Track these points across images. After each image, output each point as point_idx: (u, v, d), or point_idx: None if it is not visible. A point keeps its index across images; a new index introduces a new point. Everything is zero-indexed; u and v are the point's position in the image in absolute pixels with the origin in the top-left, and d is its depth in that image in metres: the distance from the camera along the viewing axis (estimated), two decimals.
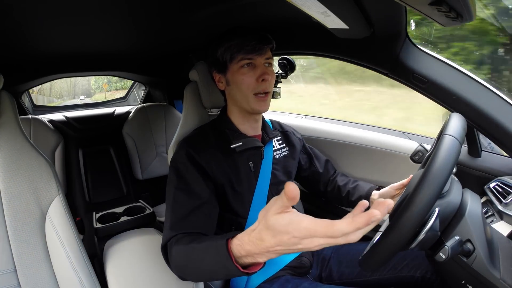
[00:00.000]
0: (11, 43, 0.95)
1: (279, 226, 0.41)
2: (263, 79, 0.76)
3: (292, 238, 0.41)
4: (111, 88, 3.05)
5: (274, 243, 0.43)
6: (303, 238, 0.40)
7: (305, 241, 0.40)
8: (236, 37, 0.76)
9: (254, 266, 0.52)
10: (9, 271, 0.67)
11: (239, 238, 0.50)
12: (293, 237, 0.41)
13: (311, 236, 0.40)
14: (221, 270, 0.53)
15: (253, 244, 0.47)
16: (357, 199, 0.92)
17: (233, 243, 0.51)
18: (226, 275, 0.54)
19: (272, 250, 0.44)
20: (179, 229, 0.67)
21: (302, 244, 0.41)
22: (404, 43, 0.82)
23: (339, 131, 1.30)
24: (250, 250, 0.47)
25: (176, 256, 0.63)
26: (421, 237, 0.51)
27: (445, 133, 0.53)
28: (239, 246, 0.50)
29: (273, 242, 0.43)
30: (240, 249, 0.50)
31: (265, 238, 0.44)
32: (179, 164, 0.75)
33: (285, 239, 0.41)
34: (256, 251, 0.47)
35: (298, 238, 0.40)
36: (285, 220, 0.41)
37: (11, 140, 0.72)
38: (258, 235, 0.45)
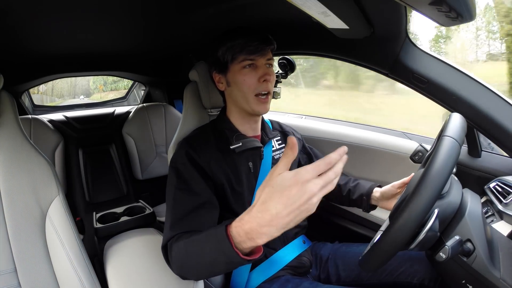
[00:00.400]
0: (12, 43, 0.95)
1: (287, 179, 0.44)
2: (264, 80, 0.76)
3: (300, 188, 0.43)
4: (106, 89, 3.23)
5: (280, 206, 0.44)
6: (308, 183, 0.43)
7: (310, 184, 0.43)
8: (238, 38, 0.76)
9: (254, 254, 0.52)
10: (9, 271, 0.67)
11: (238, 220, 0.50)
12: (301, 185, 0.43)
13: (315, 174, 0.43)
14: (221, 258, 0.53)
15: (254, 219, 0.47)
16: (358, 198, 0.92)
17: (232, 226, 0.51)
18: (226, 263, 0.54)
19: (276, 219, 0.44)
20: (179, 228, 0.67)
21: (307, 192, 0.43)
22: (404, 43, 0.81)
23: (339, 131, 1.30)
24: (251, 228, 0.47)
25: (176, 252, 0.63)
26: (420, 238, 0.51)
27: (445, 135, 0.53)
28: (239, 227, 0.49)
29: (280, 205, 0.44)
30: (239, 231, 0.49)
31: (270, 205, 0.44)
32: (179, 164, 0.75)
33: (294, 191, 0.43)
34: (256, 228, 0.46)
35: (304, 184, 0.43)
36: (292, 173, 0.44)
37: (11, 140, 0.72)
38: (261, 207, 0.46)
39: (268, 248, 0.84)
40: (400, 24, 0.76)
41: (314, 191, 0.43)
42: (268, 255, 0.84)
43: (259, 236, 0.47)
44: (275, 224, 0.45)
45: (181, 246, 0.63)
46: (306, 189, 0.43)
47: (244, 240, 0.49)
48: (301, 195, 0.43)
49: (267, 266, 0.83)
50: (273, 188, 0.44)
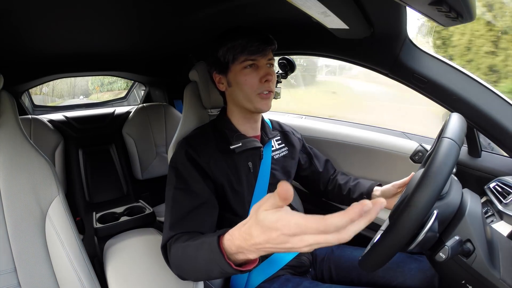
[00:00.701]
0: (12, 43, 0.95)
1: (268, 222, 0.40)
2: (266, 80, 0.76)
3: (281, 236, 0.39)
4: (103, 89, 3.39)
5: (262, 240, 0.41)
6: (293, 236, 0.38)
7: (295, 239, 0.38)
8: (239, 38, 0.75)
9: (248, 264, 0.51)
10: (9, 271, 0.67)
11: (230, 233, 0.49)
12: (281, 234, 0.38)
13: (301, 233, 0.37)
14: (215, 267, 0.52)
15: (242, 239, 0.45)
16: (358, 197, 0.92)
17: (225, 239, 0.50)
18: (220, 272, 0.53)
19: (261, 247, 0.43)
20: (178, 229, 0.67)
21: (290, 243, 0.38)
22: (404, 43, 0.81)
23: (339, 131, 1.30)
24: (240, 245, 0.46)
25: (174, 254, 0.63)
26: (419, 239, 0.51)
27: (444, 136, 0.53)
28: (230, 241, 0.49)
29: (262, 239, 0.41)
30: (230, 245, 0.49)
31: (254, 233, 0.42)
32: (179, 164, 0.75)
33: (274, 236, 0.39)
34: (245, 247, 0.45)
35: (287, 236, 0.38)
36: (275, 217, 0.39)
37: (11, 140, 0.72)
38: (248, 230, 0.44)
39: None
40: (400, 24, 0.76)
41: (299, 245, 0.38)
42: (267, 254, 0.84)
43: (248, 253, 0.46)
44: (262, 249, 0.43)
45: (178, 249, 0.63)
46: (288, 240, 0.38)
47: (235, 253, 0.49)
48: (283, 242, 0.39)
49: (267, 265, 0.83)
50: (257, 221, 0.42)
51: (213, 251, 0.51)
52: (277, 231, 0.39)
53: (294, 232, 0.38)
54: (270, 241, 0.40)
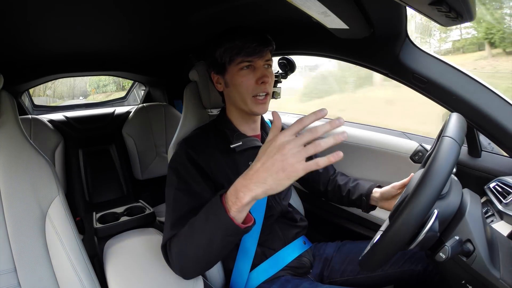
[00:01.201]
0: (12, 43, 0.95)
1: (266, 145, 0.52)
2: (262, 82, 0.76)
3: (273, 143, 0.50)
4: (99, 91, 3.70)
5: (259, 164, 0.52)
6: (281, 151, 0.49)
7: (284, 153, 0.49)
8: (236, 39, 0.75)
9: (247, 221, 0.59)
10: (9, 271, 0.67)
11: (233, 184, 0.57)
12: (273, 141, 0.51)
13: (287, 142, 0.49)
14: (218, 230, 0.57)
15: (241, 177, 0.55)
16: (358, 198, 0.92)
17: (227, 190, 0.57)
18: (223, 235, 0.57)
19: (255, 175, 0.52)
20: (179, 228, 0.67)
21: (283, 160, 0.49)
22: (404, 43, 0.81)
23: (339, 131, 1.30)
24: (238, 183, 0.55)
25: (175, 244, 0.64)
26: (420, 238, 0.51)
27: (445, 135, 0.53)
28: (232, 187, 0.56)
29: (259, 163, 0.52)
30: (231, 190, 0.56)
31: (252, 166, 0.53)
32: (179, 165, 0.75)
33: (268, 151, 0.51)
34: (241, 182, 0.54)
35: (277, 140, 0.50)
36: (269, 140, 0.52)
37: (11, 140, 0.72)
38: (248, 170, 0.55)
39: (268, 249, 0.84)
40: (400, 24, 0.76)
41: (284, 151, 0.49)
42: (268, 255, 0.84)
43: (243, 191, 0.53)
44: (254, 178, 0.52)
45: (179, 236, 0.64)
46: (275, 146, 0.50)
47: (233, 201, 0.55)
48: (273, 153, 0.50)
49: (267, 266, 0.83)
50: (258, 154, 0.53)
51: (215, 209, 0.56)
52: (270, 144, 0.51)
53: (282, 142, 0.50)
54: (264, 161, 0.51)
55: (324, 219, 1.34)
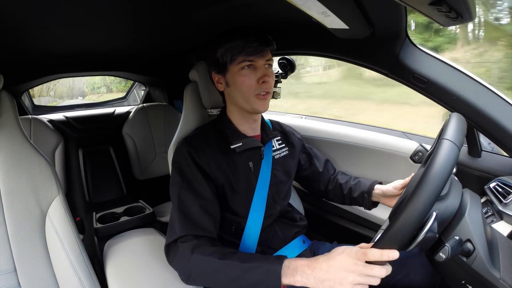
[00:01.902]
0: (12, 43, 0.95)
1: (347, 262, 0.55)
2: (263, 81, 0.76)
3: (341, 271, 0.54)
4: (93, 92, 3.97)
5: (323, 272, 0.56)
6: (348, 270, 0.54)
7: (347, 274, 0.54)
8: (237, 38, 0.75)
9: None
10: (9, 271, 0.67)
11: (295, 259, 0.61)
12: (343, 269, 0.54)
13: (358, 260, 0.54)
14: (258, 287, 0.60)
15: (307, 261, 0.58)
16: (359, 196, 0.92)
17: (287, 259, 0.60)
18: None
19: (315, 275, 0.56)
20: (187, 230, 0.68)
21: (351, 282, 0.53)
22: (404, 43, 0.81)
23: (339, 131, 1.30)
24: (300, 264, 0.58)
25: (198, 265, 0.64)
26: (419, 240, 0.51)
27: (444, 137, 0.53)
28: (293, 260, 0.60)
29: (323, 272, 0.56)
30: (291, 262, 0.59)
31: (320, 263, 0.57)
32: (183, 165, 0.76)
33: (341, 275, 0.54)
34: (303, 266, 0.58)
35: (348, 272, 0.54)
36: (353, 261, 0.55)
37: (11, 140, 0.72)
38: (317, 258, 0.59)
39: (268, 248, 0.84)
40: (400, 24, 0.76)
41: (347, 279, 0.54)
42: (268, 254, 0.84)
43: (300, 274, 0.57)
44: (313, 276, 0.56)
45: (210, 263, 0.64)
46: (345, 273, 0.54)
47: (286, 273, 0.58)
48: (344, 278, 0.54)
49: None
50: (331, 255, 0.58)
51: (271, 277, 0.59)
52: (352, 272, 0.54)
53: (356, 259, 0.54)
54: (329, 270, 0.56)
55: (323, 219, 1.34)
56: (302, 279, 0.57)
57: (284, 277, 0.58)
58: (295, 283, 0.57)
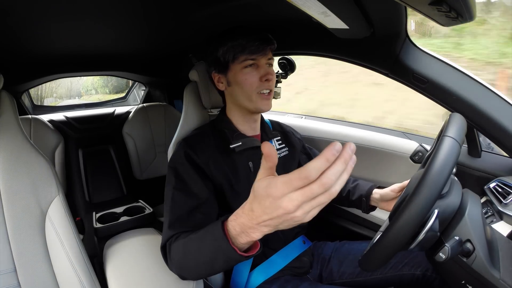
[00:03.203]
0: (12, 43, 0.95)
1: (261, 189, 0.41)
2: (266, 79, 0.76)
3: (272, 201, 0.39)
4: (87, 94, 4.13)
5: (260, 211, 0.42)
6: (282, 198, 0.38)
7: (284, 201, 0.38)
8: (239, 37, 0.75)
9: (251, 250, 0.53)
10: (9, 271, 0.67)
11: (234, 214, 0.50)
12: (272, 199, 0.39)
13: (288, 190, 0.38)
14: (219, 255, 0.53)
15: (245, 215, 0.46)
16: (357, 199, 0.92)
17: (229, 220, 0.51)
18: (225, 261, 0.54)
19: (261, 221, 0.43)
20: (178, 228, 0.67)
21: (282, 208, 0.38)
22: (404, 43, 0.81)
23: (339, 131, 1.30)
24: (244, 222, 0.47)
25: (174, 252, 0.63)
26: (420, 238, 0.51)
27: (445, 135, 0.53)
28: (234, 221, 0.49)
29: (260, 210, 0.42)
30: (235, 225, 0.49)
31: (253, 207, 0.43)
32: (178, 165, 0.75)
33: (267, 203, 0.40)
34: (248, 224, 0.46)
35: (277, 199, 0.38)
36: (264, 183, 0.40)
37: (11, 140, 0.72)
38: (249, 206, 0.45)
39: (268, 249, 0.84)
40: (400, 24, 0.76)
41: (290, 207, 0.38)
42: (268, 255, 0.84)
43: (252, 231, 0.47)
44: (262, 223, 0.44)
45: (179, 246, 0.63)
46: (279, 204, 0.38)
47: (239, 234, 0.49)
48: (275, 209, 0.39)
49: (267, 266, 0.83)
50: (253, 193, 0.43)
51: (217, 238, 0.52)
52: (268, 197, 0.39)
53: (282, 192, 0.38)
54: (266, 211, 0.41)
55: (323, 219, 1.34)
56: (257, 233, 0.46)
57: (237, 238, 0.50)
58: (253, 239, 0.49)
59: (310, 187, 0.37)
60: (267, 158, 0.40)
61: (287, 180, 0.38)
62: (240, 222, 0.48)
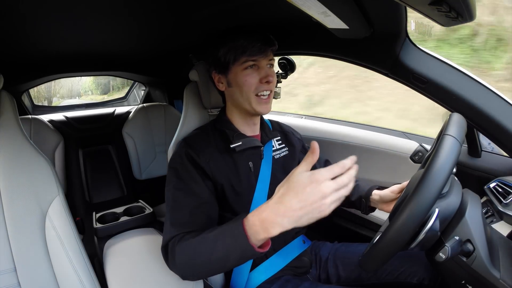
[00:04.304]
0: (12, 43, 0.95)
1: (304, 178, 0.50)
2: (266, 81, 0.76)
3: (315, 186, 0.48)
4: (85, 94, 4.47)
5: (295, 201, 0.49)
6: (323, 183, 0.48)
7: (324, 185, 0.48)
8: (240, 38, 0.75)
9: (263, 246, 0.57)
10: (9, 271, 0.67)
11: (255, 210, 0.55)
12: (316, 184, 0.48)
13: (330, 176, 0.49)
14: (234, 253, 0.56)
15: (270, 210, 0.52)
16: (357, 199, 0.92)
17: (248, 219, 0.55)
18: (240, 257, 0.57)
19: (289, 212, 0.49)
20: (179, 229, 0.67)
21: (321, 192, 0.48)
22: (404, 43, 0.81)
23: (339, 131, 1.30)
24: (266, 217, 0.52)
25: (181, 253, 0.63)
26: (421, 237, 0.51)
27: (445, 133, 0.53)
28: (256, 215, 0.54)
29: (294, 200, 0.49)
30: (255, 220, 0.53)
31: (285, 199, 0.50)
32: (178, 165, 0.75)
33: (308, 189, 0.48)
34: (271, 218, 0.51)
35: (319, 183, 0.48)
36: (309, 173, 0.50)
37: (11, 140, 0.72)
38: (278, 199, 0.51)
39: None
40: (400, 24, 0.76)
41: (326, 191, 0.48)
42: (268, 255, 0.84)
43: (272, 226, 0.51)
44: (289, 215, 0.50)
45: (187, 246, 0.62)
46: (319, 188, 0.48)
47: (257, 231, 0.53)
48: (314, 193, 0.48)
49: (267, 266, 0.83)
50: (290, 184, 0.51)
51: (236, 236, 0.55)
52: (312, 183, 0.49)
53: (325, 177, 0.49)
54: (302, 198, 0.49)
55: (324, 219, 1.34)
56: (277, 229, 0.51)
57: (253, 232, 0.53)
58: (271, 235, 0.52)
59: (341, 178, 0.50)
60: (313, 154, 0.52)
61: (329, 168, 0.50)
62: (261, 217, 0.53)
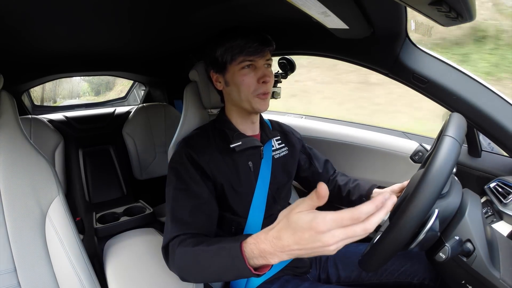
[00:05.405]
0: (12, 43, 0.96)
1: (303, 222, 0.43)
2: (263, 81, 0.76)
3: (314, 235, 0.41)
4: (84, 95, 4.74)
5: (292, 242, 0.44)
6: (326, 232, 0.41)
7: (326, 236, 0.41)
8: (238, 38, 0.75)
9: (264, 268, 0.53)
10: (9, 271, 0.67)
11: (254, 237, 0.51)
12: (315, 232, 0.41)
13: (336, 227, 0.41)
14: (232, 272, 0.54)
15: (269, 242, 0.48)
16: (357, 198, 0.92)
17: (247, 242, 0.52)
18: (236, 276, 0.55)
19: (288, 250, 0.45)
20: (180, 229, 0.67)
21: (321, 241, 0.41)
22: (404, 43, 0.81)
23: (339, 131, 1.30)
24: (265, 249, 0.48)
25: (180, 257, 0.63)
26: (420, 238, 0.51)
27: (445, 134, 0.53)
28: (253, 245, 0.51)
29: (291, 241, 0.44)
30: (254, 248, 0.50)
31: (283, 236, 0.45)
32: (178, 165, 0.75)
33: (307, 236, 0.42)
34: (270, 250, 0.47)
35: (320, 234, 0.41)
36: (309, 217, 0.43)
37: (11, 140, 0.72)
38: (276, 234, 0.46)
39: None
40: (400, 24, 0.76)
41: (329, 242, 0.41)
42: None
43: (272, 257, 0.48)
44: (287, 252, 0.46)
45: (186, 253, 0.62)
46: (320, 238, 0.41)
47: (256, 257, 0.50)
48: (314, 242, 0.42)
49: None
50: (288, 223, 0.45)
51: (234, 257, 0.52)
52: (310, 230, 0.42)
53: (329, 227, 0.41)
54: (300, 242, 0.43)
55: None
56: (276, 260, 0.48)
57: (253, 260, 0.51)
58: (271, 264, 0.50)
59: (353, 229, 0.41)
60: (320, 199, 0.43)
61: (338, 218, 0.41)
62: (260, 248, 0.49)
